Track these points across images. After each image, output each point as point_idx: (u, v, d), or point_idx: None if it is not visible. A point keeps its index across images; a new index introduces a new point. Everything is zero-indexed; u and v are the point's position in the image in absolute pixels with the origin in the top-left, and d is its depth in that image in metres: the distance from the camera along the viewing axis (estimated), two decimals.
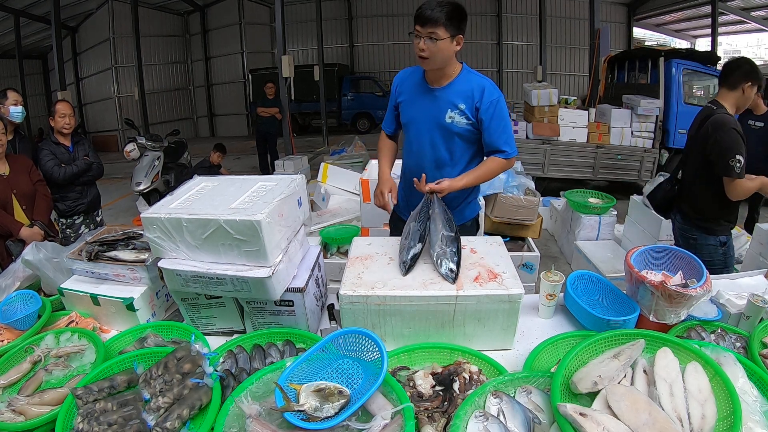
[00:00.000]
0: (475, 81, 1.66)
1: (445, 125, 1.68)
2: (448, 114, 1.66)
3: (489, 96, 1.63)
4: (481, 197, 3.00)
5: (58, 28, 8.38)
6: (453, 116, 1.66)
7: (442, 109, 1.67)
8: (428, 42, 1.54)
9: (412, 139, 1.78)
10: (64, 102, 2.95)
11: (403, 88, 1.78)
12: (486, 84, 1.65)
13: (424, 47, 1.55)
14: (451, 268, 1.26)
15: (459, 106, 1.65)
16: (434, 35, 1.53)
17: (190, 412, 0.96)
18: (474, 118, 1.65)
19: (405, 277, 1.27)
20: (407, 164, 1.86)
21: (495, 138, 1.66)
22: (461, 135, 1.69)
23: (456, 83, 1.66)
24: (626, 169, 5.93)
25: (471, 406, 0.95)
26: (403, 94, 1.78)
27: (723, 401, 0.89)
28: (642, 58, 6.49)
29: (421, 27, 1.54)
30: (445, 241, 1.33)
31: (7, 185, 2.32)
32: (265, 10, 13.63)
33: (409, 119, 1.77)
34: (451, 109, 1.66)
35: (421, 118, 1.72)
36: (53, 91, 12.26)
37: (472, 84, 1.65)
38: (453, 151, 1.72)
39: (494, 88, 1.67)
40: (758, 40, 17.51)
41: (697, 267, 1.30)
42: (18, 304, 1.45)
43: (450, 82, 1.67)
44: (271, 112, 6.95)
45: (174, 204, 1.29)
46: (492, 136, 1.66)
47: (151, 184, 5.29)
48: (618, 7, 12.72)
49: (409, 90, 1.76)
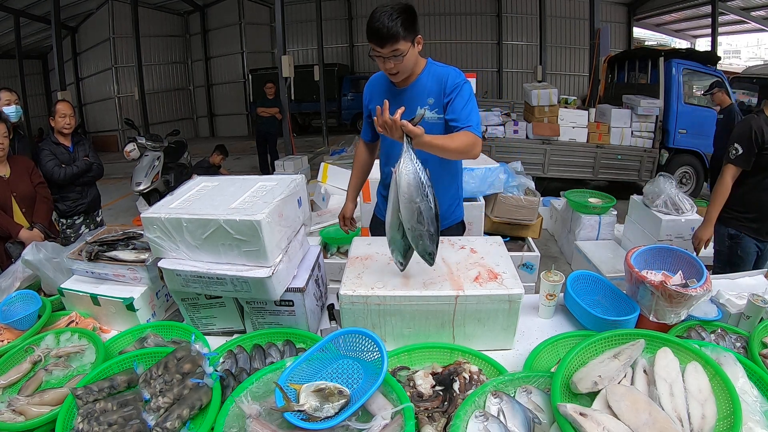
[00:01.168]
0: (440, 72, 1.61)
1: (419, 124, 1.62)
2: (418, 112, 1.59)
3: (453, 80, 1.58)
4: (481, 197, 3.00)
5: (58, 28, 8.38)
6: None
7: (411, 108, 1.58)
8: (394, 59, 1.46)
9: (389, 143, 1.74)
10: (65, 102, 2.95)
11: (372, 95, 1.74)
12: (450, 71, 1.60)
13: (391, 66, 1.49)
14: (429, 252, 1.15)
15: (428, 101, 1.60)
16: (397, 52, 1.44)
17: (190, 412, 0.96)
18: (442, 107, 1.61)
19: (405, 277, 1.27)
20: (385, 170, 1.80)
21: (458, 113, 1.56)
22: (435, 130, 1.61)
23: (421, 79, 1.62)
24: (626, 169, 5.93)
25: (471, 406, 0.95)
26: (373, 100, 1.72)
27: (723, 401, 0.89)
28: (642, 58, 6.48)
29: (380, 48, 1.44)
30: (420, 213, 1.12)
31: (7, 188, 2.32)
32: (265, 10, 13.62)
33: None
34: (420, 107, 1.59)
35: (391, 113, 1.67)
36: (53, 91, 12.25)
37: (437, 75, 1.60)
38: None
39: (459, 74, 1.61)
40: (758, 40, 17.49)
41: (697, 267, 1.30)
42: (18, 304, 1.45)
43: (416, 79, 1.62)
44: (271, 112, 6.95)
45: (174, 204, 1.29)
46: (455, 111, 1.56)
47: (151, 184, 5.29)
48: (618, 7, 12.72)
49: (377, 96, 1.70)
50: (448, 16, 12.59)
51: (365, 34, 1.48)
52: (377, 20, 1.40)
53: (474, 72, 4.58)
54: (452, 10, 12.59)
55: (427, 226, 1.15)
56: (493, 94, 12.31)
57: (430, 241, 1.17)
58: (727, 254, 2.26)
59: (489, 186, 2.98)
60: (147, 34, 11.43)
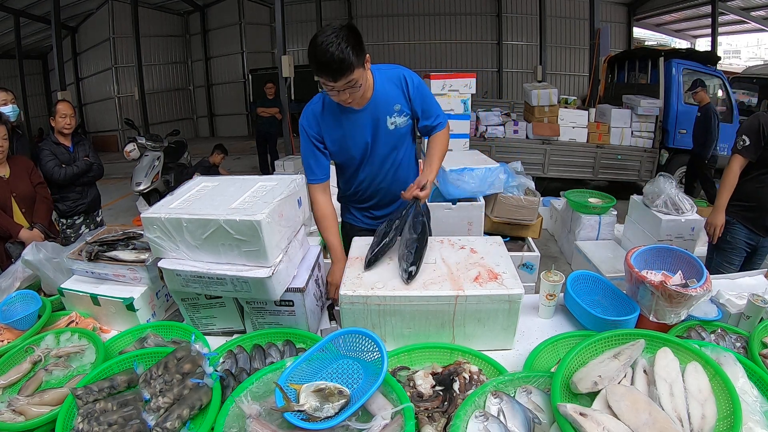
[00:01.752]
0: (391, 74, 1.55)
1: (391, 133, 1.59)
2: (389, 122, 1.56)
3: (411, 81, 1.56)
4: (481, 197, 3.00)
5: (58, 28, 8.37)
6: (394, 121, 1.57)
7: (381, 121, 1.56)
8: (350, 90, 1.37)
9: (361, 169, 1.65)
10: (65, 102, 2.95)
11: (324, 125, 1.57)
12: (402, 71, 1.57)
13: (346, 97, 1.39)
14: (405, 268, 1.25)
15: (395, 107, 1.56)
16: (352, 82, 1.34)
17: (190, 412, 0.96)
18: (409, 109, 1.59)
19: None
20: (356, 190, 1.73)
21: (427, 114, 1.60)
22: (407, 134, 1.65)
23: (379, 91, 1.53)
24: (626, 169, 5.93)
25: (471, 406, 0.95)
26: (327, 131, 1.57)
27: (723, 401, 0.89)
28: (642, 58, 6.48)
29: (333, 82, 1.32)
30: (406, 243, 1.31)
31: (7, 188, 2.32)
32: (265, 10, 13.61)
33: (352, 154, 1.61)
34: (389, 116, 1.56)
35: (363, 144, 1.59)
36: (53, 91, 12.24)
37: (391, 79, 1.55)
38: (406, 152, 1.68)
39: (410, 72, 1.58)
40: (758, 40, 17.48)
41: (697, 267, 1.30)
42: (18, 304, 1.45)
43: (373, 93, 1.53)
44: (271, 112, 6.95)
45: (174, 204, 1.29)
46: (426, 114, 1.60)
47: (151, 184, 5.29)
48: (618, 7, 12.71)
49: (332, 124, 1.56)
50: (448, 16, 12.58)
51: (365, 34, 1.46)
52: (325, 53, 1.26)
53: (474, 72, 4.57)
54: (452, 10, 12.58)
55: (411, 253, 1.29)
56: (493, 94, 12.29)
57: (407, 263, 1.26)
58: (720, 240, 2.35)
59: (489, 186, 2.98)
60: (147, 34, 11.42)
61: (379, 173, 1.68)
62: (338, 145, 1.60)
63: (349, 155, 1.63)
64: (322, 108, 1.56)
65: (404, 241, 1.32)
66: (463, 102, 4.24)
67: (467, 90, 4.23)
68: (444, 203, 2.94)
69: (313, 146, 1.59)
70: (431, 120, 1.63)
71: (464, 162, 3.07)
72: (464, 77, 4.23)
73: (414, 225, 1.36)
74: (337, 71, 1.29)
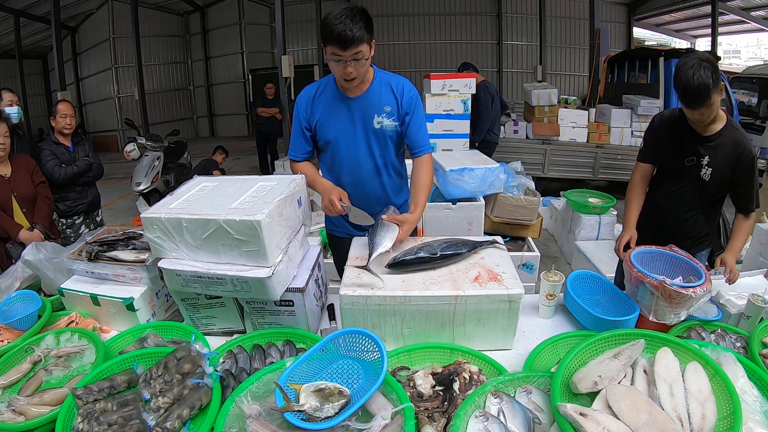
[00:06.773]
0: (393, 80, 1.62)
1: (376, 131, 1.62)
2: (376, 119, 1.60)
3: (409, 92, 1.60)
4: (481, 197, 3.00)
5: (58, 28, 8.36)
6: (381, 121, 1.60)
7: (368, 116, 1.60)
8: (354, 63, 1.43)
9: (342, 155, 1.67)
10: (66, 102, 2.95)
11: (315, 107, 1.63)
12: (404, 81, 1.62)
13: (351, 70, 1.44)
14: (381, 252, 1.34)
15: (385, 108, 1.59)
16: (359, 55, 1.41)
17: (191, 412, 0.96)
18: (399, 117, 1.61)
19: (405, 277, 1.28)
20: (338, 183, 1.70)
21: (420, 136, 1.64)
22: (392, 138, 1.65)
23: (374, 88, 1.59)
24: (626, 169, 5.91)
25: (471, 406, 0.95)
26: (317, 113, 1.63)
27: (723, 401, 0.89)
28: (642, 58, 6.47)
29: (342, 51, 1.39)
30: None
31: (8, 187, 2.31)
32: (265, 10, 13.60)
33: (335, 136, 1.65)
34: (378, 114, 1.60)
35: (348, 131, 1.63)
36: (53, 91, 12.24)
37: (391, 83, 1.60)
38: (387, 156, 1.69)
39: (412, 86, 1.63)
40: (758, 40, 17.48)
41: (697, 273, 1.30)
42: (18, 304, 1.46)
43: (369, 87, 1.59)
44: (271, 112, 6.95)
45: (174, 204, 1.29)
46: (418, 134, 1.63)
47: (151, 184, 5.28)
48: (618, 7, 12.71)
49: (323, 107, 1.62)
50: (448, 16, 12.57)
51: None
52: (339, 23, 1.36)
53: (474, 72, 4.58)
54: (452, 10, 12.57)
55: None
56: None
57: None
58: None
59: (489, 186, 2.98)
60: (147, 34, 11.41)
61: (361, 172, 1.68)
62: (324, 128, 1.65)
63: (332, 136, 1.65)
64: (315, 93, 1.64)
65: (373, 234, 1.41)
66: (463, 102, 4.24)
67: (467, 90, 4.24)
68: (444, 203, 2.94)
69: (300, 126, 1.68)
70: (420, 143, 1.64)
71: (464, 162, 3.07)
72: (464, 77, 4.23)
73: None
74: (348, 41, 1.37)
